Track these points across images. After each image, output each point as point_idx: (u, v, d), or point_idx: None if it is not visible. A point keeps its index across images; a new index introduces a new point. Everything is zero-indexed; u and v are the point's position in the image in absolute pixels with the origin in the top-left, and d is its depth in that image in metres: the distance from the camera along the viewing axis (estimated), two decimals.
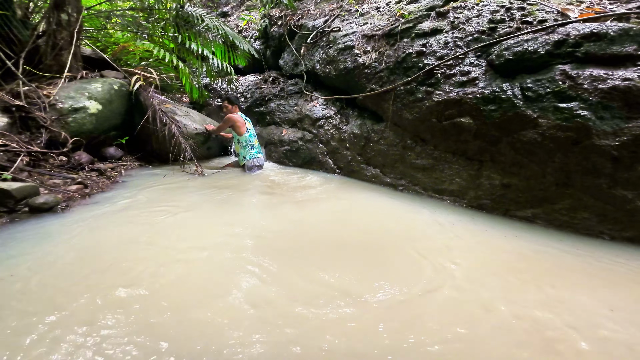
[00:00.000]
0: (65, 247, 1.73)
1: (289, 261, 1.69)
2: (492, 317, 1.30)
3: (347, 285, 1.49)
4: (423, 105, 2.82)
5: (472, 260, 1.77)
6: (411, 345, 1.13)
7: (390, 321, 1.25)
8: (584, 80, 2.04)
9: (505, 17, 2.62)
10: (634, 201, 1.93)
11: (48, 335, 1.10)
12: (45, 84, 3.22)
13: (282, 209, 2.48)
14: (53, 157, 2.87)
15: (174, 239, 1.88)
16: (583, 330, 1.24)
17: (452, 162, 2.72)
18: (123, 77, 3.86)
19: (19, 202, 2.14)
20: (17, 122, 2.82)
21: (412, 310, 1.33)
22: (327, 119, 3.88)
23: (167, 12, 4.51)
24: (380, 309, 1.32)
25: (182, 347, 1.08)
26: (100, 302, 1.29)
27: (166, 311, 1.25)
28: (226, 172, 3.68)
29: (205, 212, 2.36)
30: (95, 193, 2.62)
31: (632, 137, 1.88)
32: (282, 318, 1.24)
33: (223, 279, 1.51)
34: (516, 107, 2.27)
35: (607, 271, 1.69)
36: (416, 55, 2.98)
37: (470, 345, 1.14)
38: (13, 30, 3.27)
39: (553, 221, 2.22)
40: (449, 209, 2.60)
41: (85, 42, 4.31)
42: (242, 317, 1.24)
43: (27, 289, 1.35)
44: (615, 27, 2.02)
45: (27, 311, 1.22)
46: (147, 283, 1.43)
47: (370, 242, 1.98)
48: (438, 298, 1.42)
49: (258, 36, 5.95)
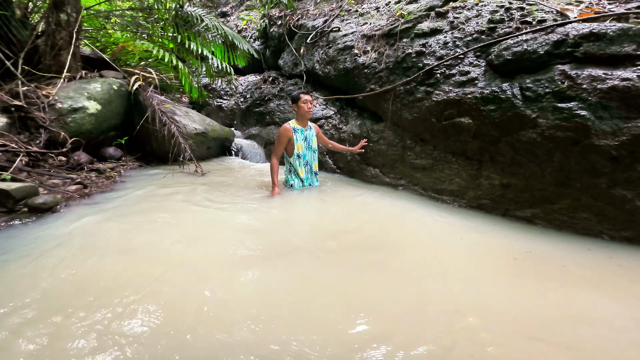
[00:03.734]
0: (65, 247, 1.72)
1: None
2: (490, 317, 1.30)
3: (343, 288, 1.49)
4: (422, 105, 2.83)
5: (472, 260, 1.77)
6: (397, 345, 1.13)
7: (382, 321, 1.25)
8: (583, 80, 2.04)
9: (504, 17, 2.62)
10: (633, 201, 1.93)
11: (46, 338, 1.10)
12: (45, 84, 3.21)
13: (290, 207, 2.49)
14: (52, 157, 2.87)
15: (174, 239, 1.88)
16: (583, 330, 1.24)
17: (451, 162, 2.72)
18: (122, 77, 3.86)
19: (18, 202, 2.14)
20: (16, 122, 2.82)
21: (406, 308, 1.33)
22: (327, 118, 3.88)
23: (167, 12, 4.51)
24: (373, 306, 1.33)
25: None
26: (99, 302, 1.29)
27: (162, 321, 1.25)
28: (226, 172, 3.67)
29: (204, 211, 2.36)
30: (95, 193, 2.61)
31: (631, 137, 1.89)
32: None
33: (219, 278, 1.51)
34: (515, 107, 2.28)
35: (607, 270, 1.69)
36: (416, 55, 2.98)
37: (469, 345, 1.14)
38: (12, 30, 3.27)
39: (552, 221, 2.22)
40: (448, 208, 2.60)
41: (84, 42, 4.31)
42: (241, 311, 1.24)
43: (27, 289, 1.35)
44: (614, 27, 2.02)
45: (26, 311, 1.22)
46: (146, 285, 1.42)
47: (368, 240, 1.98)
48: (433, 297, 1.42)
49: (257, 36, 5.96)
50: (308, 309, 1.31)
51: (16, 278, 1.43)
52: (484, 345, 1.14)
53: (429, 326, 1.23)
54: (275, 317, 1.24)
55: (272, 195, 2.72)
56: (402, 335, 1.17)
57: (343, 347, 1.11)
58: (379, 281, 1.54)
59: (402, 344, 1.13)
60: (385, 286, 1.50)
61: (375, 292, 1.45)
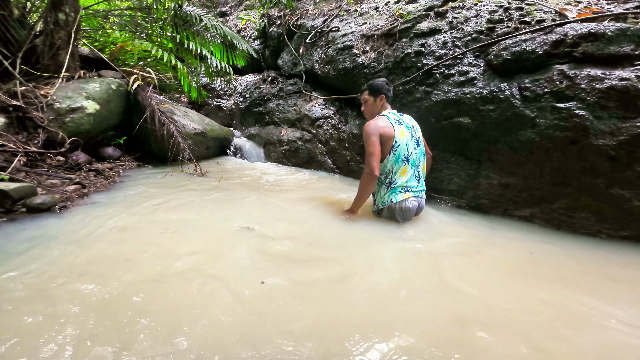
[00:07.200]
0: (64, 247, 1.72)
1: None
2: (487, 318, 1.30)
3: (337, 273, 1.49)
4: (422, 105, 2.83)
5: (471, 259, 1.78)
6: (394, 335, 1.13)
7: (384, 313, 1.25)
8: (582, 80, 2.05)
9: (503, 17, 2.63)
10: (631, 200, 1.94)
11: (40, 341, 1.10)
12: (43, 84, 3.20)
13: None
14: (51, 158, 2.86)
15: (173, 240, 1.88)
16: (582, 330, 1.24)
17: (450, 161, 2.72)
18: (121, 76, 3.85)
19: (17, 203, 2.13)
20: (15, 122, 2.81)
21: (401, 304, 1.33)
22: (326, 118, 3.88)
23: (166, 12, 4.50)
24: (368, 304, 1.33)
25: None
26: (97, 303, 1.28)
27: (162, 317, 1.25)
28: (225, 171, 3.66)
29: (203, 211, 2.35)
30: (93, 193, 2.61)
31: (629, 137, 1.89)
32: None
33: (217, 282, 1.51)
34: (514, 106, 2.28)
35: (605, 270, 1.70)
36: (415, 55, 2.98)
37: (466, 345, 1.15)
38: (10, 30, 3.26)
39: (551, 220, 2.23)
40: (447, 208, 2.60)
41: (82, 41, 4.29)
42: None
43: (26, 289, 1.35)
44: (613, 27, 2.03)
45: (23, 312, 1.21)
46: (148, 288, 1.42)
47: (366, 240, 1.98)
48: (429, 295, 1.42)
49: (257, 36, 5.95)
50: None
51: (13, 278, 1.43)
52: (482, 348, 1.14)
53: (429, 326, 1.23)
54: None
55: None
56: (401, 333, 1.17)
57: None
58: (367, 280, 1.54)
59: (402, 342, 1.13)
60: (372, 281, 1.50)
61: (374, 288, 1.45)
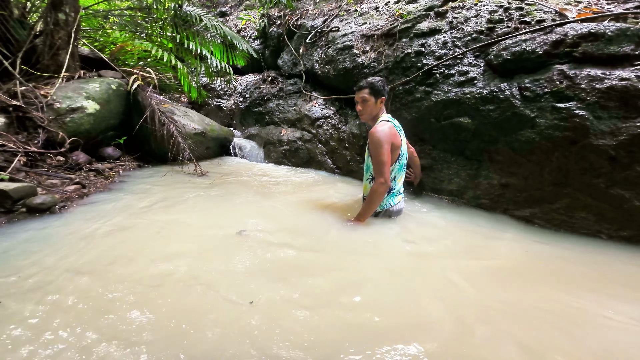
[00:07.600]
0: (65, 247, 1.72)
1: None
2: (487, 318, 1.30)
3: (340, 285, 1.49)
4: (422, 105, 2.83)
5: (470, 259, 1.78)
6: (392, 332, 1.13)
7: (387, 315, 1.25)
8: (582, 80, 2.05)
9: (503, 17, 2.62)
10: (631, 200, 1.93)
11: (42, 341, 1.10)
12: (43, 84, 3.20)
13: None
14: (51, 157, 2.86)
15: (173, 240, 1.88)
16: (583, 330, 1.24)
17: (450, 161, 2.72)
18: (121, 76, 3.85)
19: (17, 203, 2.13)
20: (15, 122, 2.81)
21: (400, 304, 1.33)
22: (326, 118, 3.88)
23: (166, 12, 4.50)
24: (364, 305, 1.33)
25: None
26: (97, 304, 1.28)
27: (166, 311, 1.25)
28: (225, 171, 3.66)
29: (203, 211, 2.35)
30: (93, 193, 2.61)
31: (629, 137, 1.89)
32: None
33: (218, 280, 1.51)
34: (514, 106, 2.28)
35: (606, 270, 1.70)
36: (415, 55, 2.98)
37: (465, 345, 1.15)
38: (10, 30, 3.26)
39: (551, 220, 2.23)
40: (447, 208, 2.60)
41: (82, 41, 4.29)
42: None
43: (25, 289, 1.35)
44: (613, 27, 2.03)
45: (22, 312, 1.21)
46: (147, 289, 1.42)
47: (365, 239, 1.98)
48: (429, 295, 1.42)
49: (257, 36, 5.94)
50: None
51: (12, 278, 1.43)
52: (480, 346, 1.14)
53: (428, 324, 1.23)
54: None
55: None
56: (398, 329, 1.17)
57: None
58: (366, 279, 1.54)
59: (401, 339, 1.13)
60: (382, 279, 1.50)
61: (373, 284, 1.45)
